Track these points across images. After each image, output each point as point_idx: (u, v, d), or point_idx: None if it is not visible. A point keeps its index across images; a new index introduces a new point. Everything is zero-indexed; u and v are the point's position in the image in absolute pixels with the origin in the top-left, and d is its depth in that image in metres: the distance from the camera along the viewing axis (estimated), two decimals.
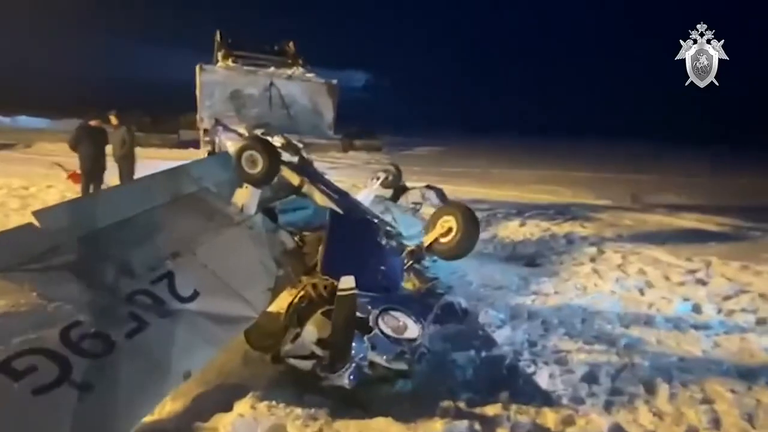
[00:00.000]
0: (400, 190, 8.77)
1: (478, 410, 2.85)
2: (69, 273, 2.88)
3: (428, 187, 8.74)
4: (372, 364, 2.96)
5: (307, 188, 4.96)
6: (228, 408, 2.62)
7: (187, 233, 3.70)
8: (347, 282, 2.68)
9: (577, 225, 8.51)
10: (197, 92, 5.63)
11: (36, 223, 3.15)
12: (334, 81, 6.38)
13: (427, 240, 3.55)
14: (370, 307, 2.95)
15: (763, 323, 4.43)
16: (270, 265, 3.87)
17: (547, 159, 21.56)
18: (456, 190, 12.21)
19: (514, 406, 2.88)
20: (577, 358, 3.55)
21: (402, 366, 3.03)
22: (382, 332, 2.93)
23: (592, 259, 6.35)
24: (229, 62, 6.04)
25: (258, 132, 5.70)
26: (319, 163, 18.83)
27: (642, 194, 12.17)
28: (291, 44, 6.85)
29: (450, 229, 3.44)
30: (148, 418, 2.51)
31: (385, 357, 2.94)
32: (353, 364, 2.84)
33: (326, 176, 6.19)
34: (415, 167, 18.28)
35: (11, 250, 2.91)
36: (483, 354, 3.54)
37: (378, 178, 6.78)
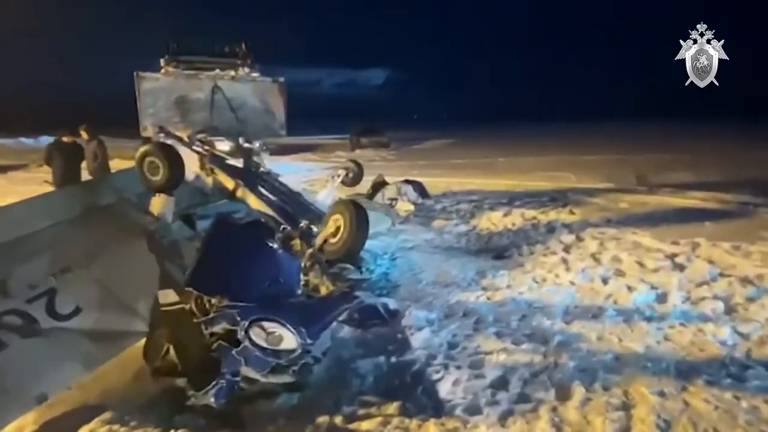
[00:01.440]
0: (379, 185, 8.54)
1: (354, 425, 2.61)
2: None
3: (406, 181, 8.45)
4: (249, 379, 2.78)
5: (240, 192, 4.83)
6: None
7: (87, 247, 3.60)
8: (167, 296, 2.50)
9: (565, 212, 8.04)
10: (138, 101, 5.59)
11: None
12: (281, 79, 6.21)
13: (318, 240, 3.33)
14: (239, 319, 2.75)
15: (731, 311, 3.97)
16: (178, 276, 3.74)
17: (559, 145, 20.82)
18: (451, 182, 11.90)
19: (396, 420, 2.62)
20: (495, 361, 3.24)
21: (284, 379, 2.84)
22: (254, 345, 2.73)
23: (566, 248, 5.94)
24: (170, 68, 5.98)
25: (199, 137, 5.60)
26: (324, 164, 18.74)
27: (649, 175, 11.46)
28: (243, 45, 6.74)
29: (338, 228, 3.21)
30: None
31: (260, 371, 2.75)
32: (222, 381, 2.66)
33: (278, 178, 6.02)
34: (420, 161, 18.01)
35: None
36: (392, 360, 3.29)
37: (338, 176, 6.57)
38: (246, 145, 6.04)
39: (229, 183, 4.94)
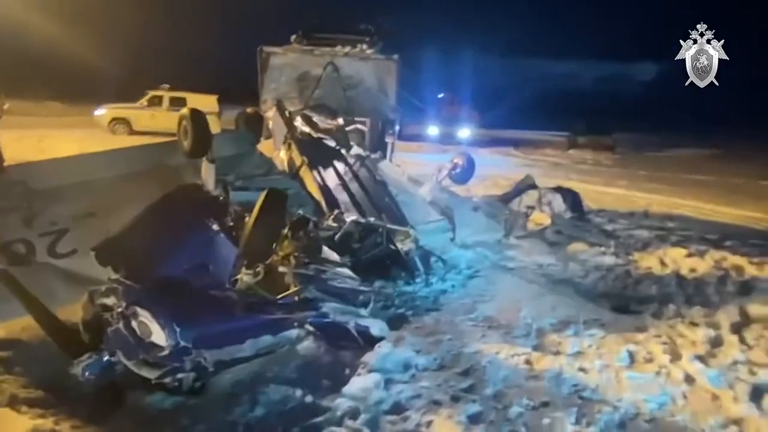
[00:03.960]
0: (523, 188, 7.30)
1: None
2: None
3: (556, 189, 6.98)
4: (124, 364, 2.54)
5: (302, 171, 4.66)
6: None
7: (121, 199, 3.92)
8: None
9: None
10: (261, 75, 5.86)
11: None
12: (395, 56, 5.61)
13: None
14: (121, 297, 2.51)
15: None
16: None
17: None
18: (656, 201, 9.39)
19: None
20: None
21: (150, 374, 2.49)
22: (128, 329, 2.46)
23: (739, 325, 3.81)
24: (295, 44, 6.07)
25: (304, 113, 5.59)
26: (521, 160, 17.40)
27: None
28: (378, 23, 6.38)
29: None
30: None
31: (127, 359, 2.48)
32: (96, 356, 2.49)
33: (376, 165, 5.60)
34: (642, 171, 14.87)
35: None
36: (307, 399, 2.57)
37: (445, 169, 5.70)
38: (352, 126, 5.77)
39: (297, 159, 4.78)
